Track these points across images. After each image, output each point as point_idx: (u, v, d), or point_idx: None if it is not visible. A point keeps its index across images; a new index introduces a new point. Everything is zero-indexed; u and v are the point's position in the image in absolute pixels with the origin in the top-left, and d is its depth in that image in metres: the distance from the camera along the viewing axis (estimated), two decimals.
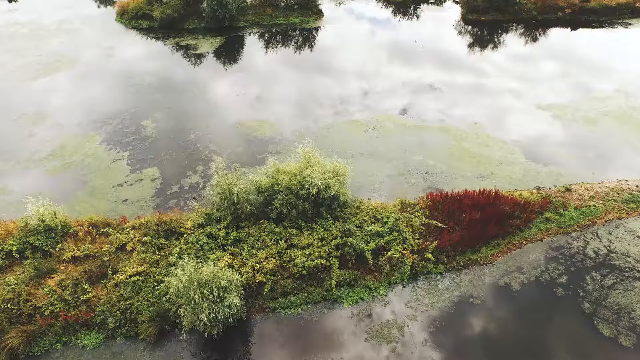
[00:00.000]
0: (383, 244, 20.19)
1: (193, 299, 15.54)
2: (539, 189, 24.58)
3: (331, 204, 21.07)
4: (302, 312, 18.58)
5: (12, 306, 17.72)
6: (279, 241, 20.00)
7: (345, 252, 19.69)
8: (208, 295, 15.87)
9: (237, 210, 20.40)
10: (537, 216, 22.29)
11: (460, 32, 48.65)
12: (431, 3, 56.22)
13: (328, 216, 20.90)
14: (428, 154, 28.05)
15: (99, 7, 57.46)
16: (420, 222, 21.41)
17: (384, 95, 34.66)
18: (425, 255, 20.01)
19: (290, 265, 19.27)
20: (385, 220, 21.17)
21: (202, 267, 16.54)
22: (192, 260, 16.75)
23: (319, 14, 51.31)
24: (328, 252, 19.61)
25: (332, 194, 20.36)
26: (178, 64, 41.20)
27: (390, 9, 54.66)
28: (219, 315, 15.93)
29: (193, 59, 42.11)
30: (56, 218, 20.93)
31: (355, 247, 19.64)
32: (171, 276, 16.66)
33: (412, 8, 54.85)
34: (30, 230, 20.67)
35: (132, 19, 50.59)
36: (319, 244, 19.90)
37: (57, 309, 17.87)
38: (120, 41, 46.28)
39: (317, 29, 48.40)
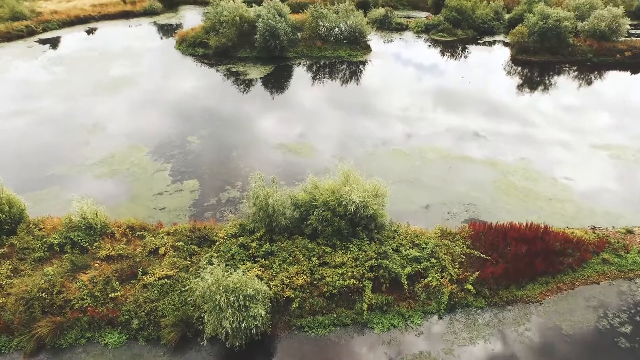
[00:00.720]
0: (420, 269, 19.07)
1: (218, 304, 15.05)
2: (594, 228, 22.71)
3: (368, 225, 20.30)
4: (330, 333, 17.58)
5: (46, 296, 17.92)
6: (312, 258, 19.34)
7: (380, 274, 18.70)
8: (233, 302, 15.35)
9: (271, 222, 20.07)
10: (592, 256, 20.44)
11: (509, 73, 47.91)
12: (480, 43, 56.15)
13: (364, 236, 20.11)
14: (471, 185, 26.92)
15: (161, 38, 61.70)
16: (461, 251, 20.17)
17: (426, 140, 33.11)
18: (465, 286, 18.65)
19: (321, 283, 18.48)
20: (423, 245, 20.11)
21: (231, 273, 16.12)
22: (221, 265, 16.40)
23: (367, 48, 52.42)
24: (361, 273, 18.70)
25: (370, 213, 19.64)
26: (227, 88, 43.00)
27: (438, 48, 54.97)
28: (243, 325, 15.30)
29: (242, 84, 43.74)
30: (97, 217, 21.44)
31: (391, 270, 18.63)
32: (199, 279, 16.29)
33: (460, 48, 54.93)
34: (72, 227, 21.23)
35: (190, 46, 53.84)
36: (353, 264, 19.05)
37: (86, 304, 17.88)
38: (176, 65, 49.21)
39: (364, 62, 49.24)
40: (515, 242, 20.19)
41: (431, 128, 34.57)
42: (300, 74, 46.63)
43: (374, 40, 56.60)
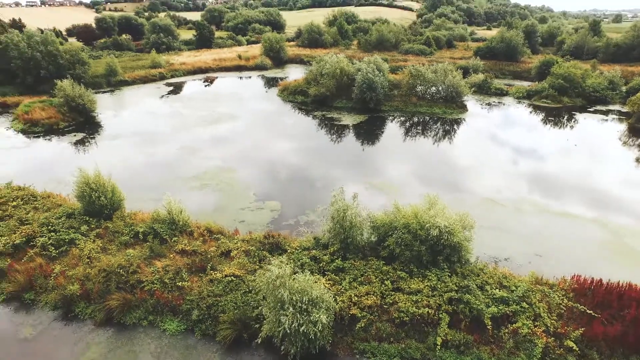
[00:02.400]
0: (508, 312, 16.42)
1: (280, 298, 14.21)
2: None
3: (451, 256, 18.37)
4: None
5: (123, 272, 18.64)
6: (385, 281, 17.80)
7: (460, 309, 16.44)
8: (296, 302, 14.38)
9: (347, 238, 19.15)
10: None
11: (625, 143, 43.13)
12: (590, 111, 52.13)
13: (445, 267, 18.14)
14: (574, 242, 23.50)
15: (266, 87, 67.38)
16: (560, 302, 17.12)
17: (522, 195, 29.96)
18: (565, 342, 15.50)
19: (392, 308, 16.72)
20: (513, 288, 17.49)
21: (297, 275, 15.34)
22: (289, 265, 15.73)
23: (463, 108, 51.52)
24: (438, 304, 16.63)
25: (454, 241, 17.83)
26: (320, 128, 44.72)
27: (541, 113, 52.00)
28: (302, 329, 14.14)
29: (335, 128, 45.07)
30: (180, 215, 22.47)
31: (473, 306, 16.30)
32: (265, 270, 15.70)
33: (566, 115, 51.39)
34: (158, 220, 22.41)
35: (291, 94, 57.86)
36: (430, 293, 17.09)
37: (155, 288, 18.14)
38: (275, 107, 53.05)
39: (458, 120, 48.03)
40: (637, 304, 16.66)
41: (529, 183, 31.64)
42: (392, 125, 46.86)
43: (471, 101, 55.72)
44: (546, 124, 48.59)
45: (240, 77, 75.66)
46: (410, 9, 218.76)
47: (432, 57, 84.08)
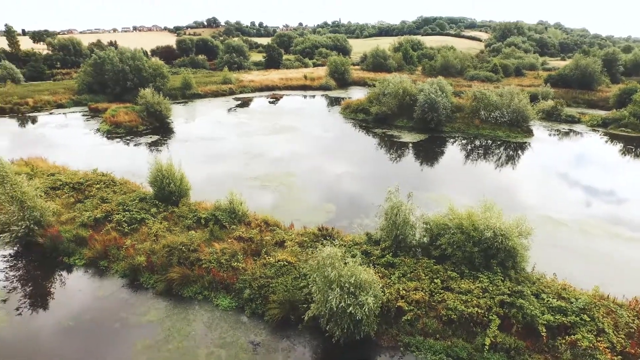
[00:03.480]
0: (565, 322, 15.53)
1: (329, 277, 14.63)
2: None
3: (505, 261, 17.82)
4: None
5: (185, 249, 20.04)
6: (435, 279, 17.62)
7: (512, 314, 15.84)
8: (344, 283, 14.71)
9: (398, 236, 19.26)
10: None
11: None
12: None
13: (498, 270, 17.61)
14: None
15: (329, 106, 69.28)
16: (631, 321, 15.89)
17: (589, 217, 28.33)
18: None
19: (440, 306, 16.49)
20: (572, 300, 16.54)
21: (347, 259, 15.72)
22: (341, 249, 16.16)
23: (528, 132, 49.67)
24: (489, 306, 16.14)
25: (509, 245, 17.33)
26: (379, 143, 45.25)
27: (619, 142, 48.67)
28: (349, 310, 14.38)
29: (394, 144, 45.32)
30: (241, 206, 23.81)
31: (526, 312, 15.64)
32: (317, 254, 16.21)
33: None
34: (219, 208, 23.87)
35: (352, 112, 59.09)
36: (480, 294, 16.66)
37: (212, 266, 19.29)
38: (336, 123, 54.32)
39: (523, 145, 46.14)
40: None
41: (599, 208, 29.67)
42: (453, 146, 46.08)
43: (538, 127, 53.57)
44: (625, 153, 45.29)
45: (305, 96, 78.47)
46: (479, 39, 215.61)
47: (499, 84, 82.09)
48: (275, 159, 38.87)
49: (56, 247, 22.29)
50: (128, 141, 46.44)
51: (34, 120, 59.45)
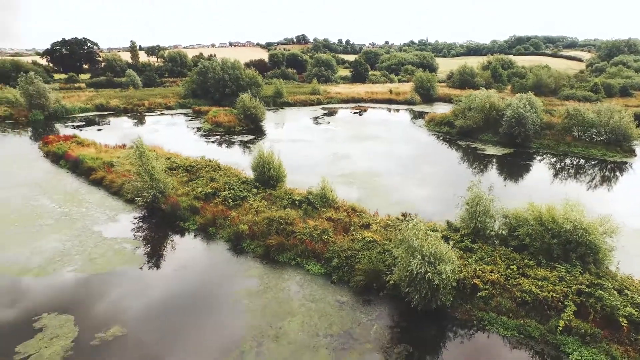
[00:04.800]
0: None
1: (412, 245, 16.44)
2: None
3: (586, 255, 18.21)
4: (511, 337, 16.15)
5: (282, 221, 23.06)
6: (511, 266, 18.57)
7: (590, 303, 16.32)
8: (425, 252, 16.39)
9: (477, 225, 20.45)
10: None
11: None
12: None
13: (577, 263, 18.06)
14: None
15: (413, 119, 70.46)
16: None
17: None
18: None
19: (515, 288, 17.43)
20: None
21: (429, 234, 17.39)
22: (425, 224, 17.88)
23: (630, 152, 46.67)
24: (565, 293, 16.76)
25: (589, 239, 17.76)
26: (462, 154, 45.76)
27: None
28: (427, 276, 16.04)
29: (477, 155, 45.51)
30: (332, 192, 26.46)
31: (605, 302, 16.04)
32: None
33: None
34: (312, 193, 26.72)
35: (436, 125, 59.83)
36: (556, 282, 17.30)
37: (305, 238, 21.97)
38: (420, 135, 55.36)
39: (621, 166, 43.52)
40: None
41: None
42: (539, 162, 44.89)
43: None
44: None
45: (389, 110, 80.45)
46: (579, 59, 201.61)
47: (598, 103, 76.98)
48: (360, 161, 41.26)
49: (175, 213, 26.60)
50: (227, 138, 51.97)
51: (148, 119, 68.36)
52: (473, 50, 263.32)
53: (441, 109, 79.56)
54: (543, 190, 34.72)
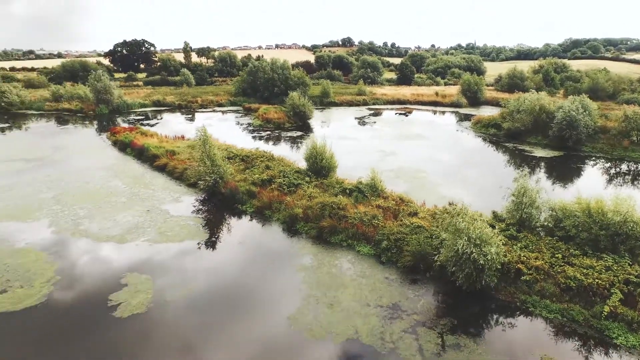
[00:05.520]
0: None
1: (459, 227, 17.55)
2: None
3: (635, 248, 18.54)
4: (554, 319, 16.87)
5: (334, 206, 24.72)
6: (556, 254, 19.20)
7: (637, 292, 16.75)
8: (471, 234, 17.43)
9: (523, 216, 21.15)
10: None
11: None
12: None
13: (626, 255, 18.43)
14: None
15: (458, 121, 70.33)
16: None
17: None
18: None
19: (560, 275, 18.09)
20: None
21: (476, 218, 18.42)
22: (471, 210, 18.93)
23: None
24: (611, 282, 17.26)
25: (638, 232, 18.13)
26: (508, 155, 45.60)
27: None
28: (472, 256, 17.07)
29: (525, 158, 45.22)
30: (380, 183, 27.84)
31: None
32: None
33: None
34: (361, 182, 28.23)
35: (483, 127, 59.55)
36: (603, 270, 17.80)
37: (356, 222, 23.47)
38: (465, 136, 55.53)
39: None
40: None
41: None
42: (591, 166, 43.94)
43: None
44: None
45: (435, 112, 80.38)
46: None
47: None
48: (405, 158, 42.22)
49: (233, 196, 28.88)
50: (277, 134, 54.44)
51: (201, 115, 72.32)
52: (523, 54, 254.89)
53: (488, 112, 78.62)
54: (594, 192, 34.25)
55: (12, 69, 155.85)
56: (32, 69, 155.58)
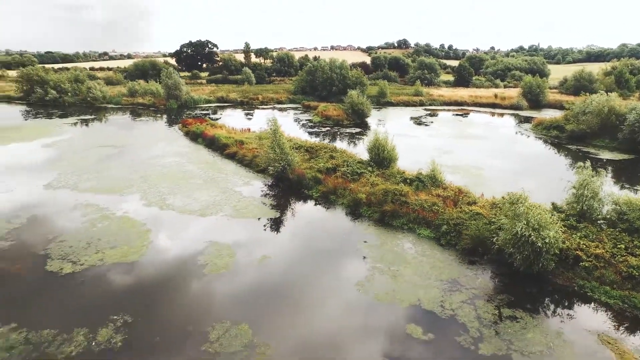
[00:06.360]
0: None
1: (517, 212, 18.58)
2: None
3: None
4: (614, 305, 17.46)
5: (396, 193, 26.35)
6: (618, 245, 19.62)
7: None
8: (530, 218, 18.38)
9: (584, 207, 21.62)
10: None
11: None
12: None
13: None
14: None
15: (518, 124, 68.94)
16: None
17: None
18: None
19: (622, 264, 18.57)
20: None
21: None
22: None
23: None
24: None
25: None
26: (571, 156, 44.69)
27: None
28: (530, 239, 18.03)
29: (587, 160, 44.07)
30: (440, 174, 29.05)
31: None
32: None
33: None
34: (421, 173, 29.59)
35: (544, 129, 58.31)
36: None
37: (417, 207, 24.93)
38: (525, 137, 54.72)
39: None
40: None
41: None
42: None
43: None
44: None
45: (493, 114, 79.11)
46: None
47: None
48: (463, 156, 42.82)
49: (300, 182, 31.22)
50: (335, 130, 56.61)
51: (262, 112, 76.05)
52: (594, 56, 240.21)
53: (550, 115, 76.27)
54: None
55: (92, 68, 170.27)
56: (108, 69, 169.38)
